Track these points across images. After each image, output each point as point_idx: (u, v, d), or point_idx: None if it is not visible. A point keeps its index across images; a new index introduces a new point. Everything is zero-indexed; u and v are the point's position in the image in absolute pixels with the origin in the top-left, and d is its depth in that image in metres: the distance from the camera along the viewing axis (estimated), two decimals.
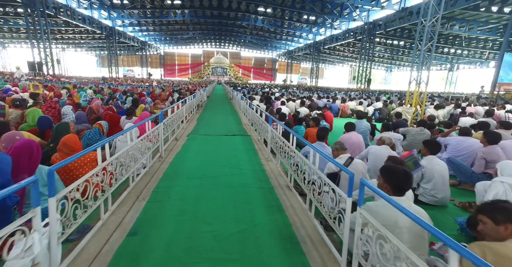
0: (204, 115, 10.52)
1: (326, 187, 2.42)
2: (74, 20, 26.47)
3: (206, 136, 6.68)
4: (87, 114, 5.74)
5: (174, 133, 6.40)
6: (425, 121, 5.24)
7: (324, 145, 3.78)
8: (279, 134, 4.17)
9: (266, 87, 30.12)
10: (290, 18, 32.22)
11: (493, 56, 36.30)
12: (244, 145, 5.90)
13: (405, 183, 1.86)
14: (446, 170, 3.19)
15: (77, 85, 14.98)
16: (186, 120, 8.27)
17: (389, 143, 3.85)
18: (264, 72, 71.70)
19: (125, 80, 34.98)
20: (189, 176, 3.88)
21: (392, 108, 11.49)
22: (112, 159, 2.63)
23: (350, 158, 2.98)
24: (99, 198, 2.37)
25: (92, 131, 3.79)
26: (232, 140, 6.36)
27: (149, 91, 12.66)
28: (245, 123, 8.97)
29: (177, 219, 2.66)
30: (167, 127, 5.23)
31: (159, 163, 4.37)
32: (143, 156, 3.60)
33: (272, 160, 4.75)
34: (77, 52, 58.10)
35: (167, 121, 5.26)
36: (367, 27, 26.64)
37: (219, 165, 4.44)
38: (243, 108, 10.33)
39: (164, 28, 43.80)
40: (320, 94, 18.72)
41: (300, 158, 3.24)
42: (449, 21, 22.63)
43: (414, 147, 5.21)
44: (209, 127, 7.92)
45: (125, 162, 2.95)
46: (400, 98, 15.91)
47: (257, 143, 6.17)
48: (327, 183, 2.47)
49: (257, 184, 3.68)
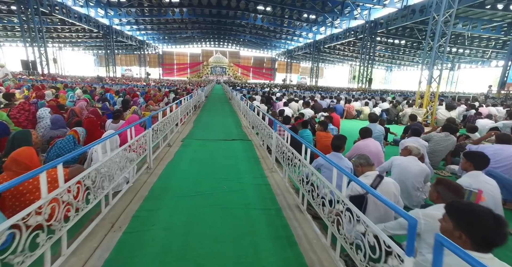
0: (201, 116, 9.89)
1: (350, 214, 1.84)
2: (70, 19, 25.81)
3: (202, 141, 6.05)
4: (69, 117, 5.12)
5: (167, 138, 5.78)
6: (451, 126, 4.62)
7: (341, 157, 3.17)
8: (286, 142, 3.55)
9: (266, 87, 29.48)
10: (290, 17, 31.66)
11: (495, 55, 35.76)
12: (245, 152, 5.28)
13: (497, 236, 1.23)
14: (497, 189, 2.57)
15: (70, 84, 14.31)
16: (181, 123, 7.66)
17: (418, 153, 3.24)
18: (264, 72, 71.13)
19: (124, 79, 34.25)
20: (180, 193, 3.26)
21: (400, 109, 10.90)
22: (72, 183, 2.00)
23: (379, 177, 2.36)
24: (40, 244, 1.67)
25: (64, 140, 3.17)
26: (232, 146, 5.74)
27: (144, 91, 11.97)
28: (245, 125, 8.35)
29: (159, 261, 2.04)
30: (157, 132, 4.61)
31: (147, 176, 3.75)
32: (123, 172, 2.98)
33: (277, 171, 4.14)
34: (75, 51, 57.27)
35: (158, 126, 4.64)
36: (368, 26, 26.13)
37: (216, 177, 3.82)
38: (243, 109, 9.72)
39: (162, 27, 43.15)
40: (323, 94, 18.13)
41: (313, 174, 2.64)
42: None
43: (437, 156, 4.62)
44: (206, 131, 7.29)
45: (95, 183, 2.32)
46: (406, 98, 15.29)
47: (258, 149, 5.56)
48: (354, 214, 1.87)
49: (261, 204, 3.06)
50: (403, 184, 3.05)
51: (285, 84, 49.40)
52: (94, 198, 2.34)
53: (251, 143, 6.04)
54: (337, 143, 3.21)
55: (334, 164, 2.25)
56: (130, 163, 3.17)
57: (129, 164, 3.13)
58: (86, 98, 7.01)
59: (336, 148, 3.21)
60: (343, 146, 3.24)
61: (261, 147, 5.65)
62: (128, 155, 3.14)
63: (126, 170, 3.05)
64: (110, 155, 2.64)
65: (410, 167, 3.11)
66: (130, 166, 3.19)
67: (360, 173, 2.56)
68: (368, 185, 2.28)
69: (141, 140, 3.63)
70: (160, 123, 4.80)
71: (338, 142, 3.22)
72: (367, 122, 10.09)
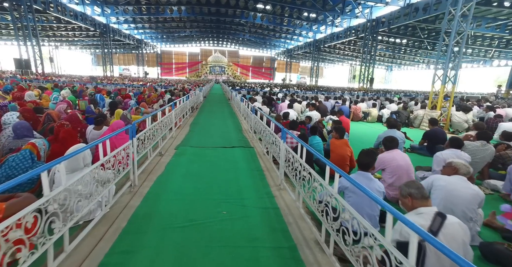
0: (199, 119, 9.18)
1: None
2: (65, 16, 25.05)
3: (198, 149, 5.36)
4: (43, 123, 4.43)
5: (159, 145, 5.11)
6: (487, 133, 3.98)
7: (371, 178, 2.50)
8: (300, 157, 2.85)
9: (266, 87, 28.78)
10: (290, 15, 31.06)
11: (498, 54, 35.21)
12: (247, 163, 4.60)
13: None
14: None
15: (61, 84, 13.59)
16: (176, 127, 6.98)
17: (467, 172, 2.58)
18: (263, 71, 70.50)
19: (121, 79, 33.48)
20: (168, 222, 2.58)
21: (410, 111, 10.24)
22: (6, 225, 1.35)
23: (440, 216, 1.70)
24: None
25: (18, 156, 2.49)
26: (232, 155, 5.06)
27: (139, 91, 11.23)
28: (245, 129, 7.68)
29: None
30: (144, 142, 3.93)
31: (129, 197, 3.08)
32: (92, 200, 2.30)
33: (287, 189, 3.46)
34: (72, 50, 56.36)
35: (146, 134, 3.96)
36: (369, 25, 25.56)
37: (213, 198, 3.15)
38: (243, 111, 9.05)
39: (160, 26, 42.45)
40: (325, 95, 17.45)
41: (337, 201, 1.98)
42: None
43: (473, 169, 3.95)
44: (203, 136, 6.60)
45: (43, 226, 1.65)
46: (412, 99, 14.61)
47: (262, 158, 4.88)
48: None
49: (271, 239, 2.39)
50: (450, 212, 2.39)
51: (284, 83, 48.79)
52: (42, 244, 1.66)
53: (253, 151, 5.36)
54: (365, 160, 2.55)
55: (368, 193, 1.60)
56: (103, 187, 2.49)
57: (101, 188, 2.44)
58: (68, 100, 6.29)
59: (365, 166, 2.54)
60: (372, 164, 2.58)
61: (265, 156, 4.98)
62: (101, 174, 2.46)
63: (97, 196, 2.37)
64: (73, 180, 1.96)
65: (459, 190, 2.44)
66: (104, 190, 2.51)
67: (409, 207, 1.89)
68: (426, 229, 1.63)
69: (121, 153, 2.95)
70: (149, 130, 4.12)
71: (367, 159, 2.55)
72: (375, 125, 9.47)
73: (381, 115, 9.84)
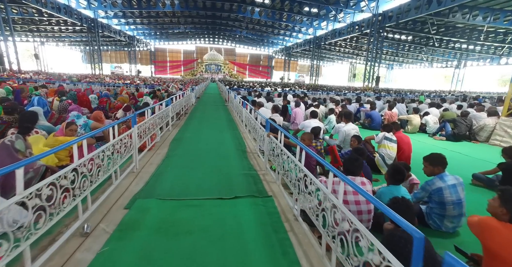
0: (185, 131, 6.75)
1: None
2: (46, 8, 22.67)
3: (172, 206, 2.86)
4: None
5: (88, 207, 2.65)
6: None
7: None
8: None
9: (266, 86, 26.72)
10: (290, 10, 28.98)
11: (509, 51, 33.46)
12: (270, 255, 2.13)
13: None
14: None
15: (19, 82, 11.42)
16: (146, 149, 4.79)
17: None
18: (260, 70, 68.63)
19: (112, 77, 31.19)
20: None
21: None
22: None
23: None
24: None
25: None
26: (234, 219, 2.65)
27: (112, 93, 8.96)
28: (251, 149, 5.37)
29: None
30: (46, 211, 1.91)
31: None
32: None
33: None
34: (59, 46, 53.68)
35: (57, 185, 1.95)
36: (375, 20, 23.65)
37: None
38: (246, 119, 6.85)
39: (153, 21, 40.22)
40: (331, 95, 15.47)
41: None
42: (461, 9, 19.58)
43: None
44: (186, 167, 4.14)
45: None
46: (444, 100, 12.40)
47: (295, 232, 2.47)
48: None
49: None
50: None
51: (283, 82, 46.92)
52: None
53: (274, 209, 2.90)
54: None
55: None
56: None
57: None
58: None
59: None
60: None
61: (300, 224, 2.59)
62: None
63: None
64: None
65: None
66: None
67: None
68: None
69: None
70: (62, 178, 2.10)
71: None
72: (418, 136, 7.33)
73: (424, 123, 7.85)
